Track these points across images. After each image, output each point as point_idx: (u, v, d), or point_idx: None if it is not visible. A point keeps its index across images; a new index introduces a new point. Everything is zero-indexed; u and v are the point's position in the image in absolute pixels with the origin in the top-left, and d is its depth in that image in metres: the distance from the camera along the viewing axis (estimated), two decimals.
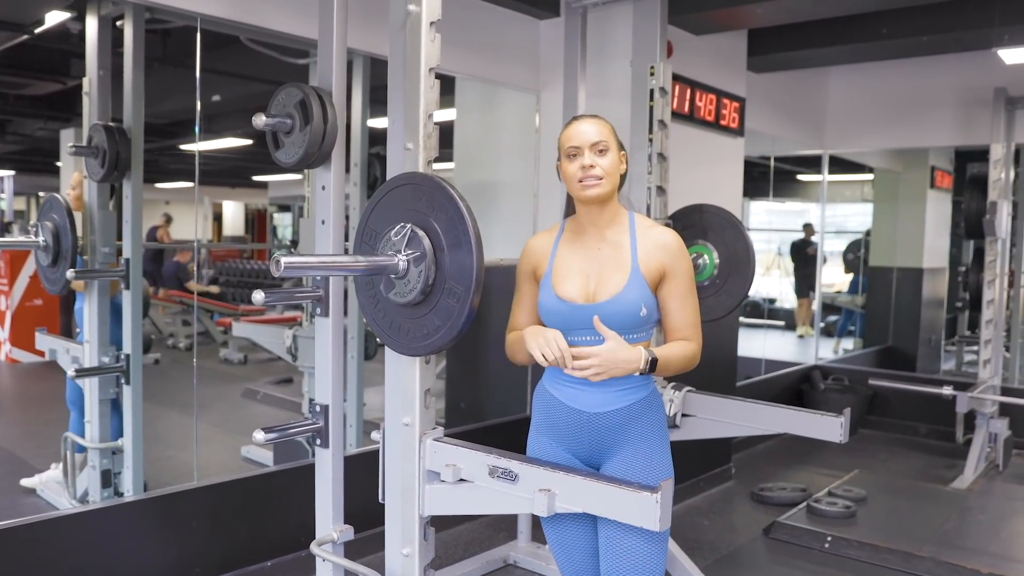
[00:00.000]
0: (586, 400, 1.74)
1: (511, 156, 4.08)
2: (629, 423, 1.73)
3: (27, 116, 6.98)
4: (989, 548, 3.37)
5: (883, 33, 4.12)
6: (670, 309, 1.75)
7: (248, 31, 2.85)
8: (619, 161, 1.77)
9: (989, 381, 4.49)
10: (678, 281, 1.74)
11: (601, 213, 1.77)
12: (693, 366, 1.76)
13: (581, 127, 1.76)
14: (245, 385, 5.69)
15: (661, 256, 1.73)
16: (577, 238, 1.80)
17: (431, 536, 1.92)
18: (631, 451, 1.73)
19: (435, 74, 1.83)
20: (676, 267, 1.74)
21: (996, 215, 4.40)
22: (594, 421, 1.74)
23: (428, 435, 1.87)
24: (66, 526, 2.47)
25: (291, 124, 1.97)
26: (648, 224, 1.80)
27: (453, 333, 1.66)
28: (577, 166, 1.73)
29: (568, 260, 1.78)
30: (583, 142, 1.73)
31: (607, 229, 1.78)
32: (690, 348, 1.75)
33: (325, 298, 2.02)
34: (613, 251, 1.75)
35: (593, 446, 1.76)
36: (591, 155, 1.72)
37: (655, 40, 2.77)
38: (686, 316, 1.75)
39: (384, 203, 1.77)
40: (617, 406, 1.73)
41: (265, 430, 1.95)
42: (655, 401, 1.79)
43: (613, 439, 1.74)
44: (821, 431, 2.49)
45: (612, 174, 1.74)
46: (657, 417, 1.78)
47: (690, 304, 1.76)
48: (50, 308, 6.43)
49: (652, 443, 1.74)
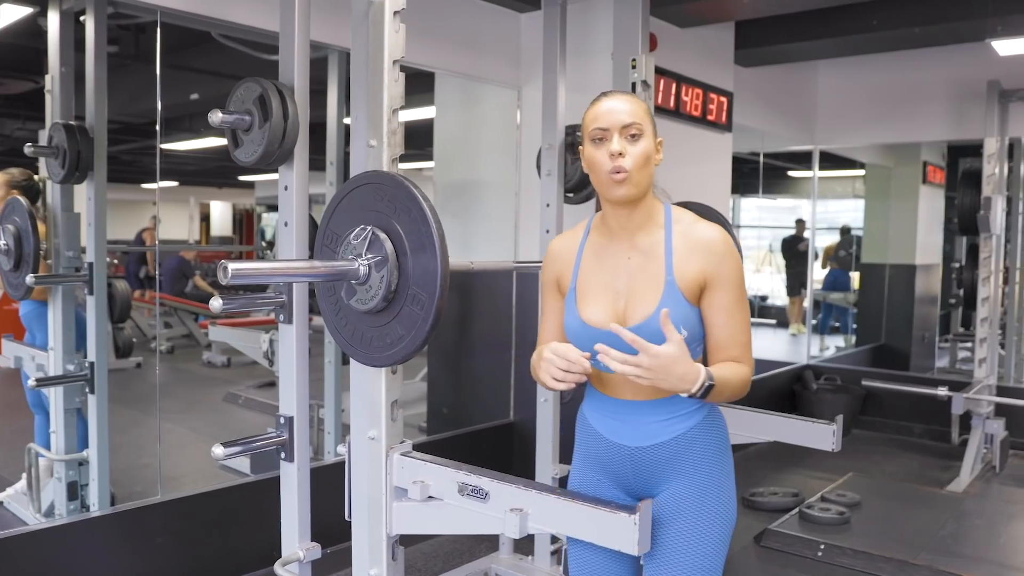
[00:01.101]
0: (626, 432, 1.48)
1: (492, 154, 3.98)
2: (678, 456, 1.45)
3: (5, 116, 6.86)
4: (987, 555, 3.29)
5: (873, 24, 4.04)
6: (715, 323, 1.43)
7: (210, 24, 2.75)
8: (654, 149, 1.46)
9: (985, 381, 4.43)
10: (724, 290, 1.42)
11: (632, 215, 1.46)
12: (743, 395, 1.44)
13: (610, 104, 1.44)
14: (227, 389, 5.60)
15: (702, 261, 1.42)
16: (604, 244, 1.51)
17: (400, 555, 1.82)
18: (682, 486, 1.46)
19: (400, 67, 1.73)
20: (721, 273, 1.41)
21: (990, 211, 4.33)
22: (637, 456, 1.47)
23: (395, 449, 1.77)
24: (29, 542, 2.38)
25: (250, 121, 1.87)
26: (689, 220, 1.47)
27: (417, 342, 1.55)
28: (604, 154, 1.42)
29: (593, 272, 1.50)
30: (612, 123, 1.42)
31: (639, 233, 1.47)
32: (742, 372, 1.43)
33: (288, 304, 1.93)
34: (644, 261, 1.45)
35: (639, 481, 1.50)
36: (621, 140, 1.42)
37: (636, 32, 2.67)
38: (734, 332, 1.43)
39: (345, 204, 1.66)
40: (662, 439, 1.45)
41: (226, 444, 1.86)
42: (713, 425, 1.49)
43: (661, 473, 1.47)
44: (813, 439, 2.40)
45: (644, 167, 1.43)
46: (715, 444, 1.48)
47: (739, 317, 1.43)
48: None
49: (708, 475, 1.46)
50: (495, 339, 3.95)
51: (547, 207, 2.87)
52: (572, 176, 3.01)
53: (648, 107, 1.50)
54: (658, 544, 1.47)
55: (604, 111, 1.45)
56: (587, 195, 3.06)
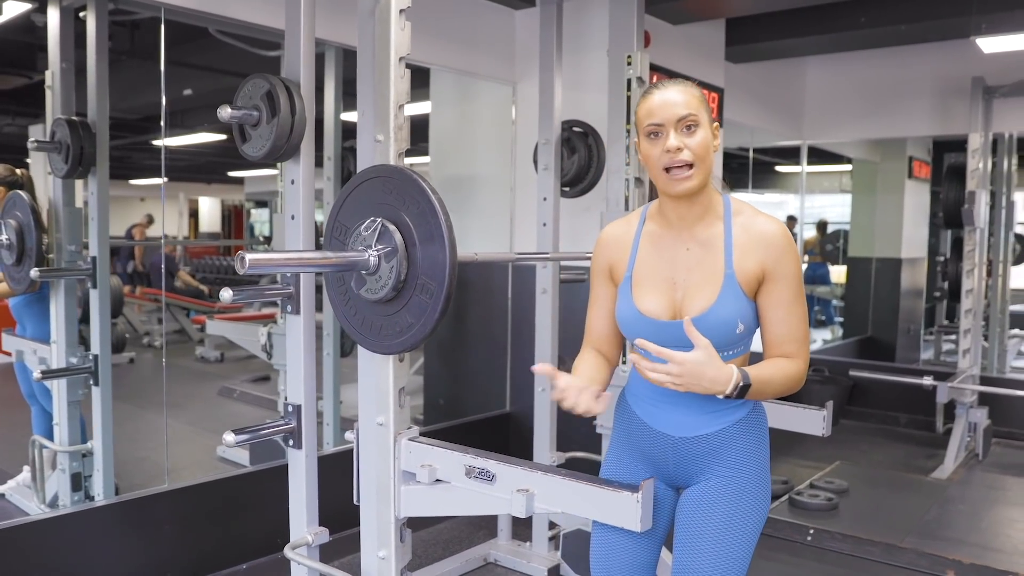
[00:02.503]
0: (671, 422, 1.48)
1: (487, 149, 4.03)
2: (721, 449, 1.46)
3: None
4: (970, 538, 3.37)
5: (861, 22, 4.12)
6: (771, 319, 1.42)
7: (214, 22, 2.78)
8: (712, 137, 1.42)
9: (968, 371, 4.51)
10: (783, 285, 1.40)
11: (692, 207, 1.44)
12: (796, 390, 1.45)
13: (664, 96, 1.40)
14: (221, 383, 5.62)
15: (762, 255, 1.40)
16: (662, 234, 1.49)
17: (408, 538, 1.87)
18: (719, 479, 1.47)
19: (405, 64, 1.78)
20: (780, 268, 1.40)
21: (974, 205, 4.41)
22: (681, 447, 1.48)
23: (403, 435, 1.82)
24: (34, 531, 2.41)
25: (258, 116, 1.91)
26: (749, 213, 1.45)
27: (427, 330, 1.61)
28: (660, 150, 1.39)
29: (650, 263, 1.48)
30: (667, 117, 1.38)
31: (698, 224, 1.45)
32: (793, 368, 1.42)
33: (296, 295, 1.98)
34: (703, 253, 1.44)
35: (679, 470, 1.51)
36: (678, 135, 1.38)
37: (632, 29, 2.73)
38: (791, 328, 1.41)
39: (354, 197, 1.71)
40: (709, 430, 1.46)
41: (236, 432, 1.90)
42: (756, 421, 1.50)
43: (701, 465, 1.48)
44: (803, 424, 2.47)
45: (705, 158, 1.39)
46: (756, 440, 1.49)
47: (797, 313, 1.41)
48: None
49: (745, 472, 1.46)
50: (491, 331, 4.00)
51: (544, 201, 2.92)
52: (568, 170, 3.07)
53: (701, 93, 1.43)
54: (692, 533, 1.48)
55: (657, 105, 1.40)
56: (582, 189, 3.12)
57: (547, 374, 1.43)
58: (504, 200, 3.90)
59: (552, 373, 1.42)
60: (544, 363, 1.44)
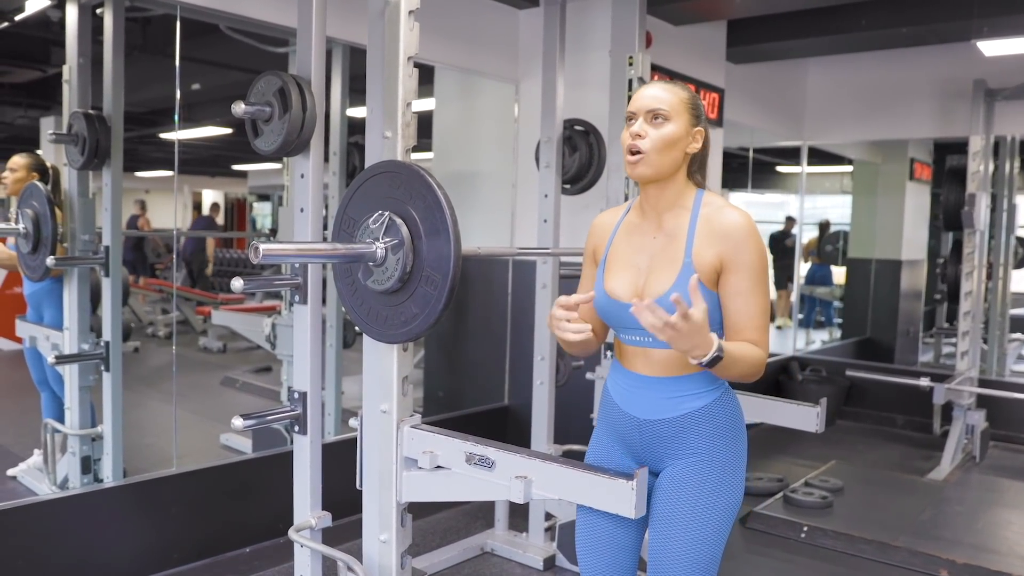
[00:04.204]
0: (637, 404, 1.55)
1: (490, 146, 4.08)
2: (684, 433, 1.51)
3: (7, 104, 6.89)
4: (965, 539, 3.38)
5: (862, 24, 4.15)
6: (731, 308, 1.47)
7: (228, 19, 2.84)
8: (686, 136, 1.50)
9: (966, 373, 4.50)
10: (741, 274, 1.45)
11: (660, 196, 1.53)
12: (757, 376, 1.48)
13: (645, 91, 1.53)
14: (224, 373, 5.68)
15: (720, 245, 1.46)
16: (637, 223, 1.59)
17: (408, 522, 1.93)
18: (688, 462, 1.51)
19: (413, 63, 1.83)
20: (738, 258, 1.45)
21: (974, 207, 4.41)
22: (645, 428, 1.54)
23: (406, 422, 1.88)
24: (45, 511, 2.48)
25: (270, 112, 1.96)
26: (716, 205, 1.51)
27: (431, 320, 1.67)
28: (627, 134, 1.52)
29: (622, 249, 1.58)
30: (639, 107, 1.50)
31: (666, 214, 1.54)
32: (756, 354, 1.45)
33: (303, 286, 2.03)
34: (667, 241, 1.52)
35: (647, 452, 1.57)
36: (643, 123, 1.49)
37: (634, 30, 2.78)
38: (751, 317, 1.46)
39: (362, 191, 1.77)
40: (670, 415, 1.51)
41: (244, 417, 1.96)
42: (723, 411, 1.53)
43: (667, 448, 1.53)
44: (797, 421, 2.51)
45: (663, 150, 1.48)
46: (722, 429, 1.52)
47: (756, 302, 1.46)
48: None
49: (715, 455, 1.50)
50: (491, 325, 4.06)
51: (545, 198, 2.97)
52: (569, 168, 3.12)
53: (691, 97, 1.53)
54: (662, 515, 1.54)
55: (639, 96, 1.53)
56: (583, 186, 3.17)
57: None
58: (506, 196, 3.95)
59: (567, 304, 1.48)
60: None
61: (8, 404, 5.06)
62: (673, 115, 1.49)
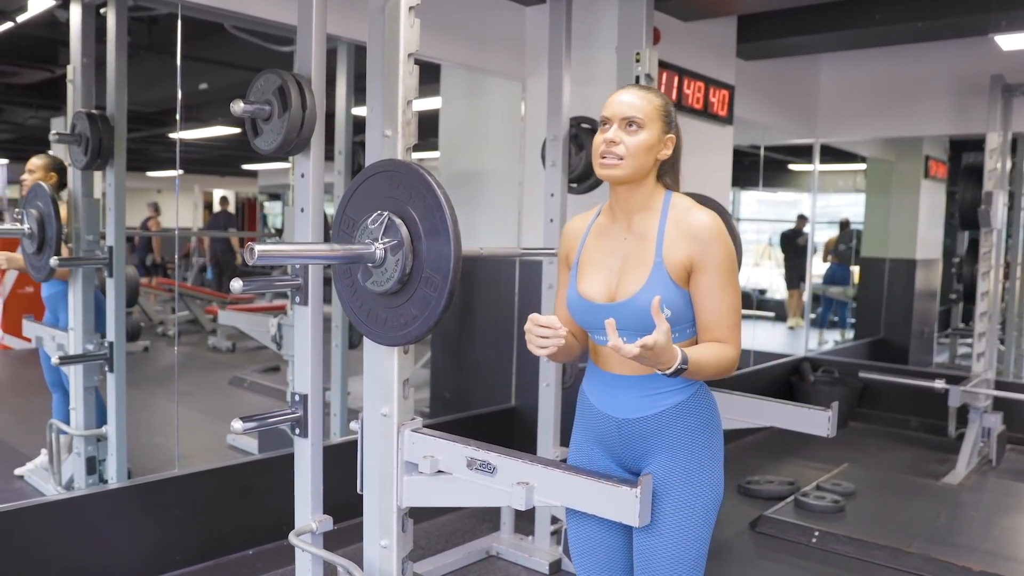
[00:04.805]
0: (614, 404, 1.57)
1: (497, 145, 4.05)
2: (663, 431, 1.53)
3: (17, 105, 6.93)
4: (982, 545, 3.30)
5: (876, 19, 4.08)
6: (702, 307, 1.51)
7: (229, 18, 2.82)
8: (658, 143, 1.54)
9: (983, 375, 4.42)
10: (711, 274, 1.49)
11: (630, 198, 1.56)
12: (729, 373, 1.52)
13: (620, 97, 1.55)
14: (232, 373, 5.68)
15: (690, 245, 1.49)
16: (607, 225, 1.62)
17: (409, 528, 1.90)
18: (668, 460, 1.53)
19: (414, 60, 1.80)
20: (708, 258, 1.48)
21: (991, 205, 4.33)
22: (624, 428, 1.56)
23: (406, 426, 1.85)
24: (49, 512, 2.47)
25: (269, 111, 1.94)
26: (685, 206, 1.55)
27: (430, 323, 1.64)
28: (601, 139, 1.54)
29: (594, 251, 1.61)
30: (614, 113, 1.54)
31: (636, 215, 1.57)
32: (725, 352, 1.49)
33: (304, 287, 2.00)
34: (638, 242, 1.55)
35: (626, 452, 1.58)
36: (618, 130, 1.53)
37: (641, 26, 2.73)
38: (721, 315, 1.50)
39: (362, 191, 1.74)
40: (648, 412, 1.53)
41: (244, 419, 1.93)
42: (700, 405, 1.56)
43: (646, 446, 1.55)
44: (808, 425, 2.47)
45: (638, 156, 1.52)
46: (698, 424, 1.55)
47: (726, 301, 1.50)
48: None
49: (693, 451, 1.53)
50: (498, 326, 4.03)
51: (551, 197, 2.94)
52: (576, 167, 3.08)
53: (663, 104, 1.57)
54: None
55: (613, 102, 1.56)
56: (590, 185, 3.13)
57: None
58: (512, 195, 3.92)
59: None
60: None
61: (19, 403, 5.08)
62: (647, 123, 1.53)
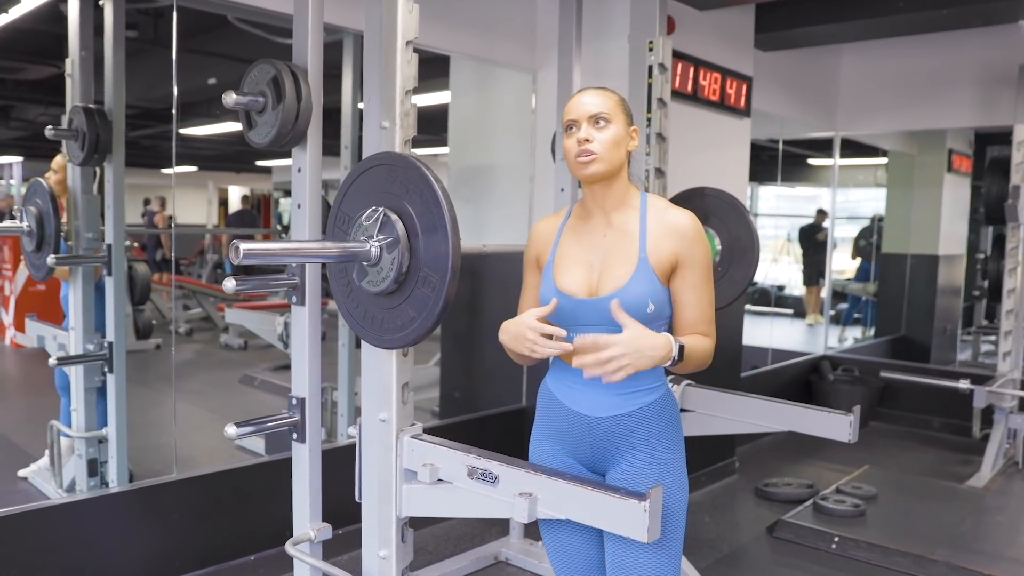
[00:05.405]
0: (586, 403, 1.56)
1: (507, 138, 3.96)
2: (636, 429, 1.55)
3: (28, 101, 6.94)
4: (1008, 552, 3.21)
5: (899, 7, 3.95)
6: (683, 302, 1.54)
7: (227, 8, 2.75)
8: (626, 136, 1.58)
9: (1009, 374, 4.32)
10: (694, 271, 1.54)
11: (607, 194, 1.59)
12: (707, 365, 1.57)
13: (581, 99, 1.58)
14: (244, 371, 5.64)
15: (674, 243, 1.53)
16: (583, 223, 1.63)
17: (409, 538, 1.83)
18: (638, 459, 1.55)
19: (413, 48, 1.72)
20: (692, 255, 1.53)
21: (1019, 199, 4.24)
22: (596, 427, 1.56)
23: (405, 432, 1.77)
24: (48, 517, 2.42)
25: (263, 103, 1.87)
26: (662, 206, 1.60)
27: (428, 324, 1.55)
28: (573, 141, 1.56)
29: (571, 248, 1.61)
30: (580, 114, 1.56)
31: (614, 212, 1.59)
32: (708, 344, 1.55)
33: (301, 286, 1.94)
34: (619, 238, 1.57)
35: (596, 452, 1.58)
36: (588, 128, 1.55)
37: (655, 14, 2.63)
38: (702, 310, 1.55)
39: (357, 185, 1.66)
40: (622, 411, 1.54)
41: (239, 424, 1.87)
42: (668, 403, 1.59)
43: (617, 446, 1.56)
44: (829, 430, 2.37)
45: (612, 150, 1.55)
46: (669, 420, 1.58)
47: (706, 297, 1.56)
48: (53, 293, 6.43)
49: (663, 450, 1.55)
50: None
51: (561, 191, 2.86)
52: None
53: (621, 99, 1.61)
54: None
55: (575, 104, 1.59)
56: None
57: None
58: (523, 190, 3.83)
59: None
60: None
61: (28, 402, 5.06)
62: (613, 117, 1.57)
